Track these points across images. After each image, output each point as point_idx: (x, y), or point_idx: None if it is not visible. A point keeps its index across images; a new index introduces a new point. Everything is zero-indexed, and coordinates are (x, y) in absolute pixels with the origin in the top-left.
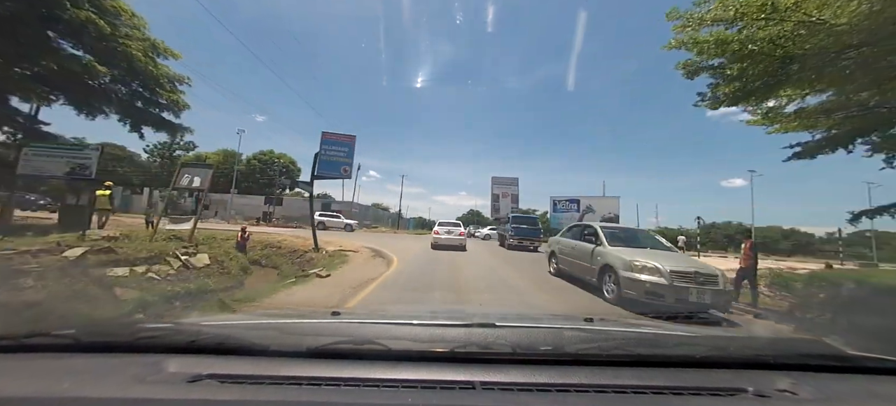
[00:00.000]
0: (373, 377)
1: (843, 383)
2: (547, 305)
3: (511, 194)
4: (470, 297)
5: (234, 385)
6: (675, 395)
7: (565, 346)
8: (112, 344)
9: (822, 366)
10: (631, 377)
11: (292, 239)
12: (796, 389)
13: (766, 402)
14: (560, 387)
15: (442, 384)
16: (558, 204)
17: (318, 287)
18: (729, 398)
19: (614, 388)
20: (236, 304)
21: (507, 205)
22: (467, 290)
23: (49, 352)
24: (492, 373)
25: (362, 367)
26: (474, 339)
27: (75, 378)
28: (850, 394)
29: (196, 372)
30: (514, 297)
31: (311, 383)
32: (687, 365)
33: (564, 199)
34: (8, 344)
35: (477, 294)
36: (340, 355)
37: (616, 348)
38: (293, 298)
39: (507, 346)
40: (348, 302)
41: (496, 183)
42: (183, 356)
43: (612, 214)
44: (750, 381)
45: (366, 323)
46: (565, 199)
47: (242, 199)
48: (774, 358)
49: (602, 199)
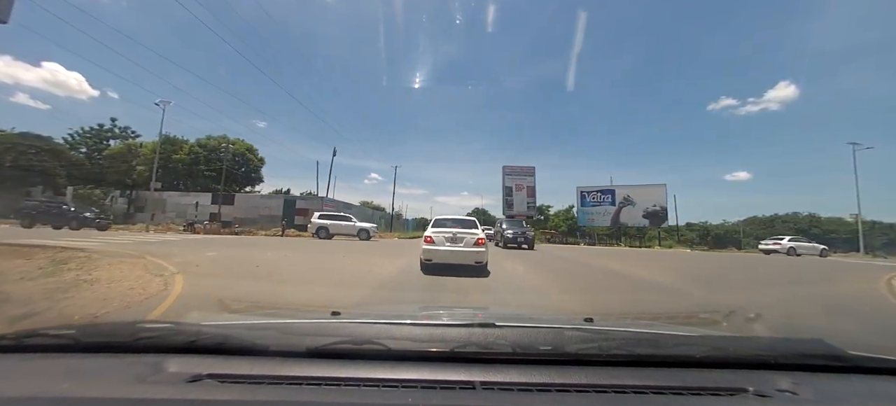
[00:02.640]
0: (373, 377)
1: (844, 383)
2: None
3: (526, 186)
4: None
5: (234, 385)
6: (675, 395)
7: (565, 346)
8: (112, 344)
9: (822, 366)
10: (631, 377)
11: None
12: (797, 389)
13: (767, 402)
14: (560, 387)
15: (442, 384)
16: (587, 196)
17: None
18: (729, 398)
19: (614, 388)
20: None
21: (523, 198)
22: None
23: (49, 352)
24: (492, 373)
25: (362, 367)
26: (474, 339)
27: (75, 378)
28: (850, 394)
29: (196, 372)
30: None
31: (311, 383)
32: (687, 365)
33: (596, 191)
34: (8, 344)
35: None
36: (340, 355)
37: (616, 348)
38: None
39: (506, 345)
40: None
41: (509, 173)
42: (183, 356)
43: (659, 207)
44: (750, 381)
45: (366, 323)
46: (596, 191)
47: (187, 198)
48: (775, 358)
49: (644, 188)
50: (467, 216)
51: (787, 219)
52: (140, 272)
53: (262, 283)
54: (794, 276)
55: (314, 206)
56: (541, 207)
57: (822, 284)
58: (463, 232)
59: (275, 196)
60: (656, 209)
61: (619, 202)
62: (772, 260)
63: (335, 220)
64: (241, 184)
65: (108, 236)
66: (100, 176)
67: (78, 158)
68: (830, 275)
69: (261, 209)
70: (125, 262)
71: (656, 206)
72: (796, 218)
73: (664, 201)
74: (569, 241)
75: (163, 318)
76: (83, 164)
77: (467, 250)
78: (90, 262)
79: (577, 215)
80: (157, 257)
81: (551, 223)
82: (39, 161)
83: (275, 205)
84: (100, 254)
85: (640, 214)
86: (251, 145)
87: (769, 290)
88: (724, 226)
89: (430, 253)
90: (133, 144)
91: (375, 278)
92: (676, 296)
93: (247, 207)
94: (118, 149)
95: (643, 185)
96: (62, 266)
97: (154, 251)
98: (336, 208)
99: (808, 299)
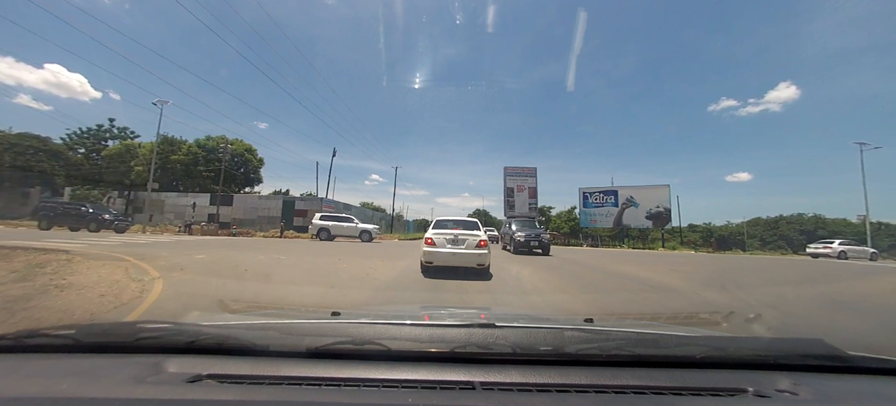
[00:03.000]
0: (373, 377)
1: (844, 383)
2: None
3: (528, 187)
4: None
5: (234, 385)
6: (675, 395)
7: (565, 346)
8: (112, 344)
9: (822, 366)
10: (631, 377)
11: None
12: (797, 389)
13: (767, 402)
14: (560, 387)
15: (442, 384)
16: (590, 197)
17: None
18: (729, 398)
19: (614, 388)
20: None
21: (524, 200)
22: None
23: (49, 352)
24: (492, 373)
25: (362, 367)
26: (474, 339)
27: (75, 378)
28: (850, 394)
29: (196, 372)
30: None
31: (311, 383)
32: (687, 365)
33: (598, 192)
34: (8, 344)
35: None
36: (340, 355)
37: (616, 348)
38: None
39: (506, 346)
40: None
41: (510, 174)
42: (183, 356)
43: (662, 208)
44: (750, 381)
45: (366, 323)
46: (599, 192)
47: (185, 199)
48: (775, 358)
49: (647, 189)
50: (469, 217)
51: (791, 220)
52: (119, 276)
53: (249, 290)
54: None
55: (314, 207)
56: (542, 209)
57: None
58: (465, 233)
59: (274, 197)
60: (660, 210)
61: (622, 203)
62: (828, 265)
63: (337, 221)
64: (241, 185)
65: (98, 238)
66: (98, 177)
67: (76, 159)
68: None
69: (260, 210)
70: (106, 265)
71: (660, 208)
72: (801, 219)
73: (668, 202)
74: (571, 242)
75: (162, 319)
76: (81, 164)
77: (469, 252)
78: (68, 266)
79: (580, 217)
80: (142, 260)
81: (553, 225)
82: (37, 161)
83: (274, 206)
84: (83, 256)
85: (643, 216)
86: (250, 146)
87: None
88: (728, 227)
89: (430, 255)
90: (131, 145)
91: (373, 282)
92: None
93: (245, 208)
94: (116, 149)
95: (646, 186)
96: (38, 270)
97: (141, 253)
98: (336, 209)
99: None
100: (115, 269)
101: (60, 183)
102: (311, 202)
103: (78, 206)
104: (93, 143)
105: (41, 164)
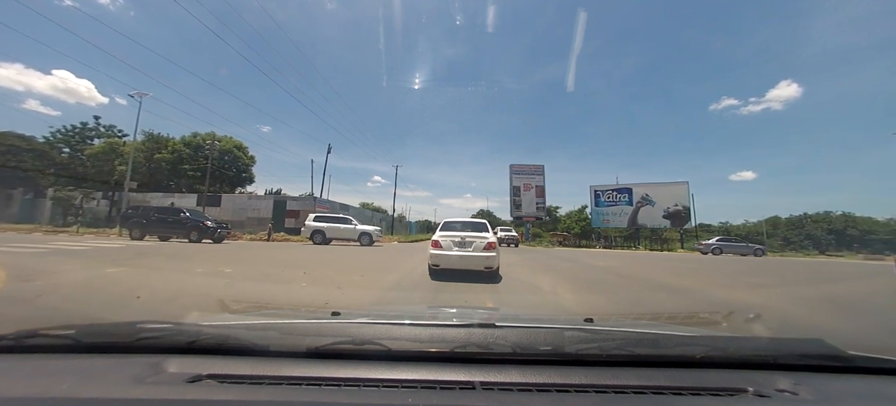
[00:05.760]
0: (373, 377)
1: (844, 383)
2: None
3: (535, 186)
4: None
5: (234, 385)
6: (675, 395)
7: (565, 346)
8: (112, 344)
9: (822, 366)
10: (631, 377)
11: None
12: (797, 389)
13: (767, 402)
14: (560, 387)
15: (442, 384)
16: (602, 195)
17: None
18: (729, 398)
19: (614, 389)
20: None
21: (531, 199)
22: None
23: (49, 352)
24: (492, 373)
25: (362, 367)
26: (474, 339)
27: (75, 378)
28: (850, 394)
29: (196, 372)
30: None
31: (311, 383)
32: (687, 365)
33: (611, 190)
34: (8, 344)
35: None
36: (340, 355)
37: (616, 348)
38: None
39: (506, 346)
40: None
41: (516, 172)
42: (183, 356)
43: (681, 206)
44: (750, 381)
45: (366, 323)
46: (612, 190)
47: (170, 199)
48: (774, 358)
49: (664, 186)
50: (477, 218)
51: (817, 219)
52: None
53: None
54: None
55: (307, 208)
56: (549, 209)
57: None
58: (472, 235)
59: (264, 197)
60: (678, 209)
61: (637, 202)
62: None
63: (333, 222)
64: (232, 184)
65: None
66: (82, 176)
67: (60, 158)
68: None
69: (249, 211)
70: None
71: (678, 206)
72: (829, 218)
73: (686, 200)
74: (582, 243)
75: (162, 319)
76: (66, 164)
77: (477, 255)
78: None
79: (591, 216)
80: (20, 277)
81: (562, 225)
82: (19, 162)
83: (264, 206)
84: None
85: (659, 215)
86: (240, 143)
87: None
88: (746, 226)
89: (437, 258)
90: (116, 143)
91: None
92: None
93: (234, 209)
94: (101, 148)
95: (663, 183)
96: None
97: (33, 266)
98: (332, 209)
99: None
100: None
101: (44, 183)
102: (305, 202)
103: (177, 212)
104: (77, 142)
105: (24, 163)
